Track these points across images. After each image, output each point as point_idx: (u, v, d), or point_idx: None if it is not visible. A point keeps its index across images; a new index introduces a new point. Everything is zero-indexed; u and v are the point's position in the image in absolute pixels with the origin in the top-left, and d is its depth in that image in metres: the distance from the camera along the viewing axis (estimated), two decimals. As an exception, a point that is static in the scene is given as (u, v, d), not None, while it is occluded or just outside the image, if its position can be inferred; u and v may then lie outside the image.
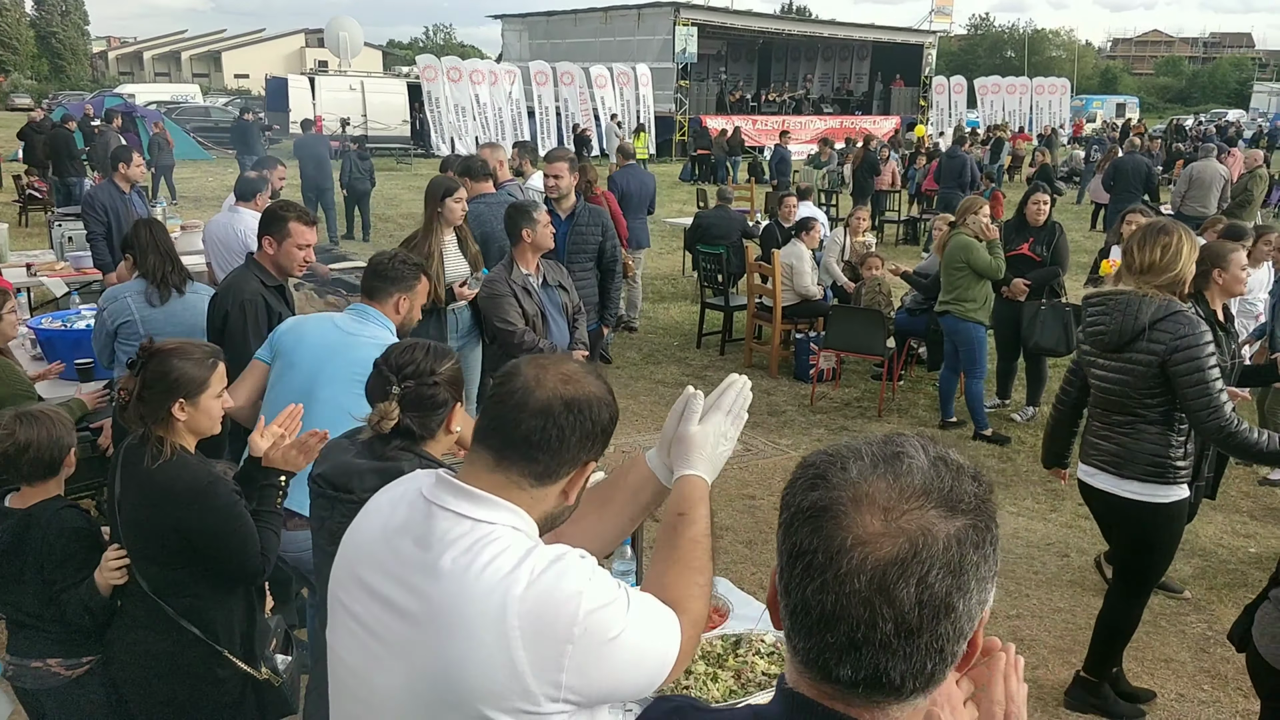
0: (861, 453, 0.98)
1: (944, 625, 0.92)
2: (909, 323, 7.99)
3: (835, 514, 0.94)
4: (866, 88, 41.01)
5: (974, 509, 0.96)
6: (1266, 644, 2.76)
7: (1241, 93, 65.32)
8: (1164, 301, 3.36)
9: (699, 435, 1.66)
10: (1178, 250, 3.37)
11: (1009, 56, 74.87)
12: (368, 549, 1.52)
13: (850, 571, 0.91)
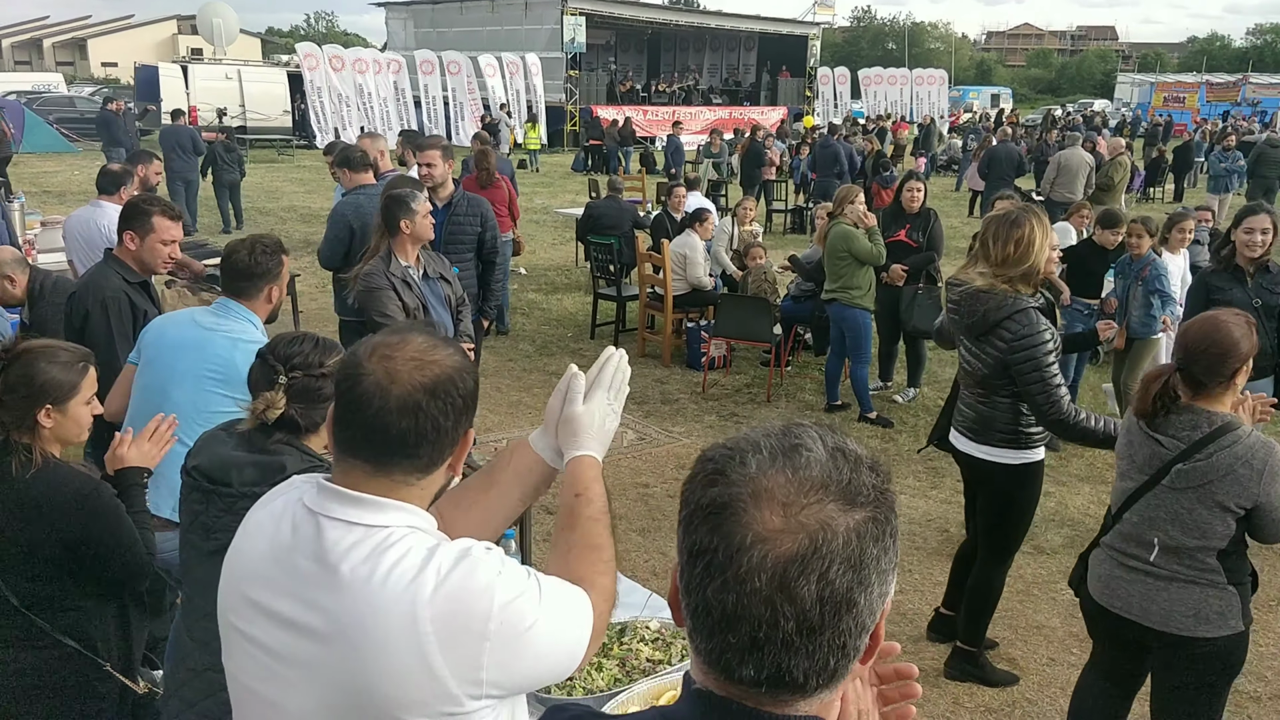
0: (760, 446, 0.96)
1: (846, 621, 0.91)
2: (795, 310, 8.16)
3: (734, 510, 0.92)
4: (754, 78, 41.60)
5: (873, 500, 0.94)
6: (1098, 588, 2.96)
7: (1107, 83, 68.60)
8: (1010, 299, 3.53)
9: (585, 415, 1.65)
10: (1030, 242, 3.53)
11: (890, 48, 77.06)
12: (257, 569, 1.46)
13: (750, 570, 0.89)
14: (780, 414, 7.32)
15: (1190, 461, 2.69)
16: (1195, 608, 2.74)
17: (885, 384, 7.92)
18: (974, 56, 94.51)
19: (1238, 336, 2.67)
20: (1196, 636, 2.76)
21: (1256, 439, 2.66)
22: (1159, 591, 2.79)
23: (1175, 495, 2.73)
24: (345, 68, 28.31)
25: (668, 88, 38.00)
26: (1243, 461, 2.62)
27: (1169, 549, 2.77)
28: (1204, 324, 2.74)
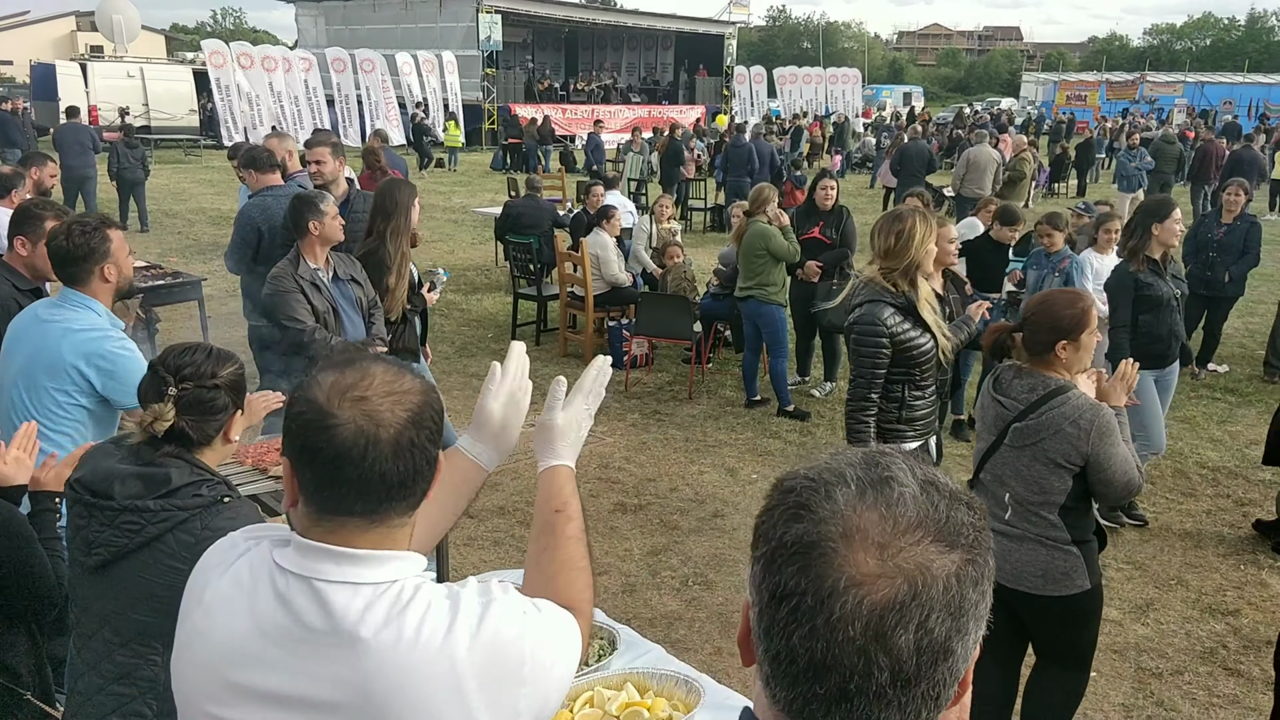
0: (846, 477, 0.88)
1: (941, 671, 0.85)
2: (714, 307, 8.22)
3: (824, 551, 0.84)
4: (672, 77, 41.84)
5: (972, 542, 0.87)
6: None
7: (1013, 82, 70.75)
8: (872, 290, 3.73)
9: (564, 423, 1.61)
10: (910, 235, 3.69)
11: (805, 47, 78.20)
12: (241, 649, 1.30)
13: (844, 617, 0.82)
14: (702, 411, 7.38)
15: (1025, 420, 2.92)
16: (1043, 568, 2.95)
17: (803, 378, 8.03)
18: (886, 56, 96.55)
19: (1063, 312, 2.94)
20: (1044, 594, 2.96)
21: (1085, 401, 2.88)
22: (1012, 551, 2.99)
23: (1015, 453, 2.96)
24: (254, 65, 27.61)
25: (586, 86, 37.96)
26: (1070, 420, 2.84)
27: (1018, 507, 2.98)
28: (1041, 298, 3.06)
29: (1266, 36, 77.28)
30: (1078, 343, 2.95)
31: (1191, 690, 3.96)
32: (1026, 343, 3.01)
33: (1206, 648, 4.27)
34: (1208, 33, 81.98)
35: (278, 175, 5.46)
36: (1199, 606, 4.61)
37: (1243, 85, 48.82)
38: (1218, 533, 5.39)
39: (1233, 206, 7.81)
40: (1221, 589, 4.78)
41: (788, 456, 6.49)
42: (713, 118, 34.38)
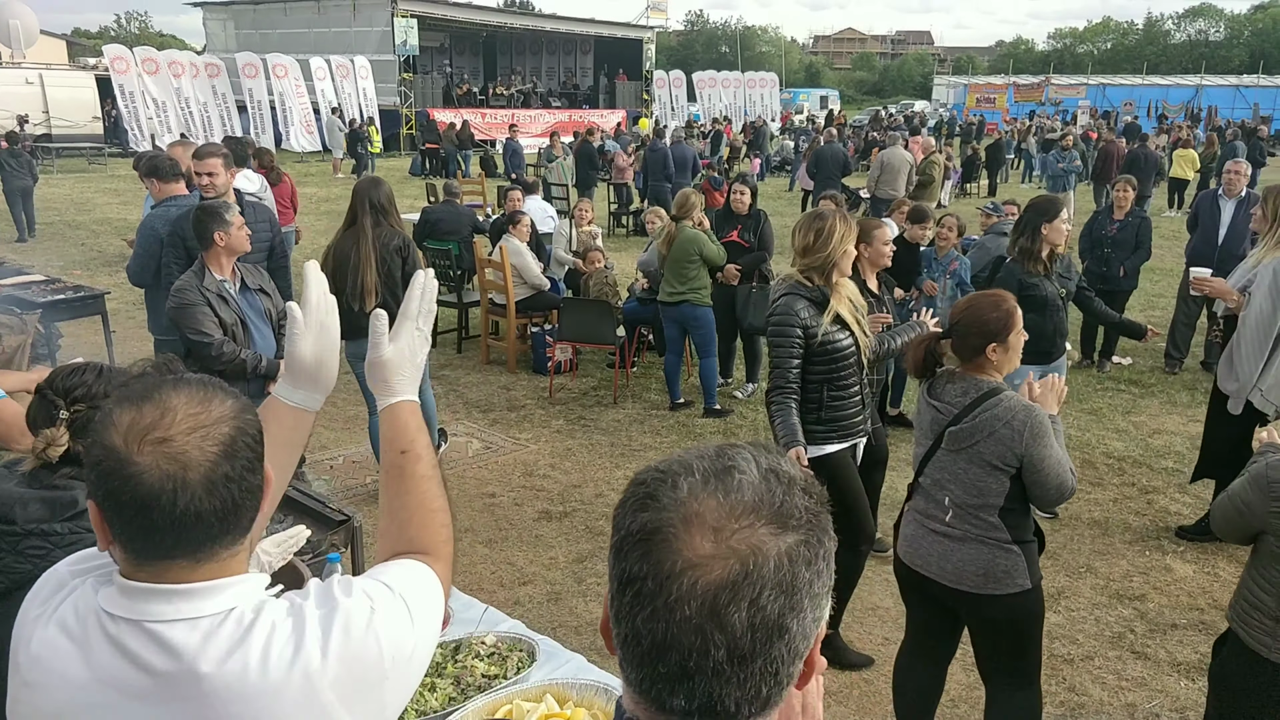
0: (693, 468, 0.92)
1: (778, 648, 0.88)
2: (638, 311, 8.23)
3: (665, 536, 0.88)
4: (592, 81, 41.88)
5: (806, 524, 0.91)
6: (905, 548, 3.18)
7: (925, 85, 72.43)
8: (789, 285, 3.82)
9: (394, 356, 1.51)
10: (829, 234, 3.79)
11: (723, 51, 78.96)
12: (77, 700, 1.23)
13: (680, 598, 0.86)
14: (627, 415, 7.38)
15: (960, 424, 2.95)
16: (984, 567, 2.96)
17: (726, 380, 8.09)
18: (803, 60, 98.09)
19: (989, 315, 2.98)
20: (985, 594, 2.97)
21: (1017, 402, 2.92)
22: (953, 551, 3.01)
23: (952, 456, 2.98)
24: (160, 71, 26.82)
25: (506, 90, 37.75)
26: (1003, 422, 2.87)
27: (958, 509, 3.00)
28: (967, 303, 3.08)
29: (1163, 40, 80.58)
30: (1006, 344, 3.00)
31: (1101, 674, 4.09)
32: (956, 348, 3.05)
33: (1115, 632, 4.41)
34: (1108, 36, 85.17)
35: (182, 184, 5.31)
36: (1107, 593, 4.76)
37: (1142, 87, 50.79)
38: (1124, 520, 5.58)
39: (1122, 203, 8.11)
40: (1129, 575, 4.95)
41: (712, 458, 6.52)
42: (634, 122, 34.51)
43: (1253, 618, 2.66)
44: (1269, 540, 2.63)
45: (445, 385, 8.06)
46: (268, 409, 1.55)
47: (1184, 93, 48.80)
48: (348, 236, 5.36)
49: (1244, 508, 2.67)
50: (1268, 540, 2.64)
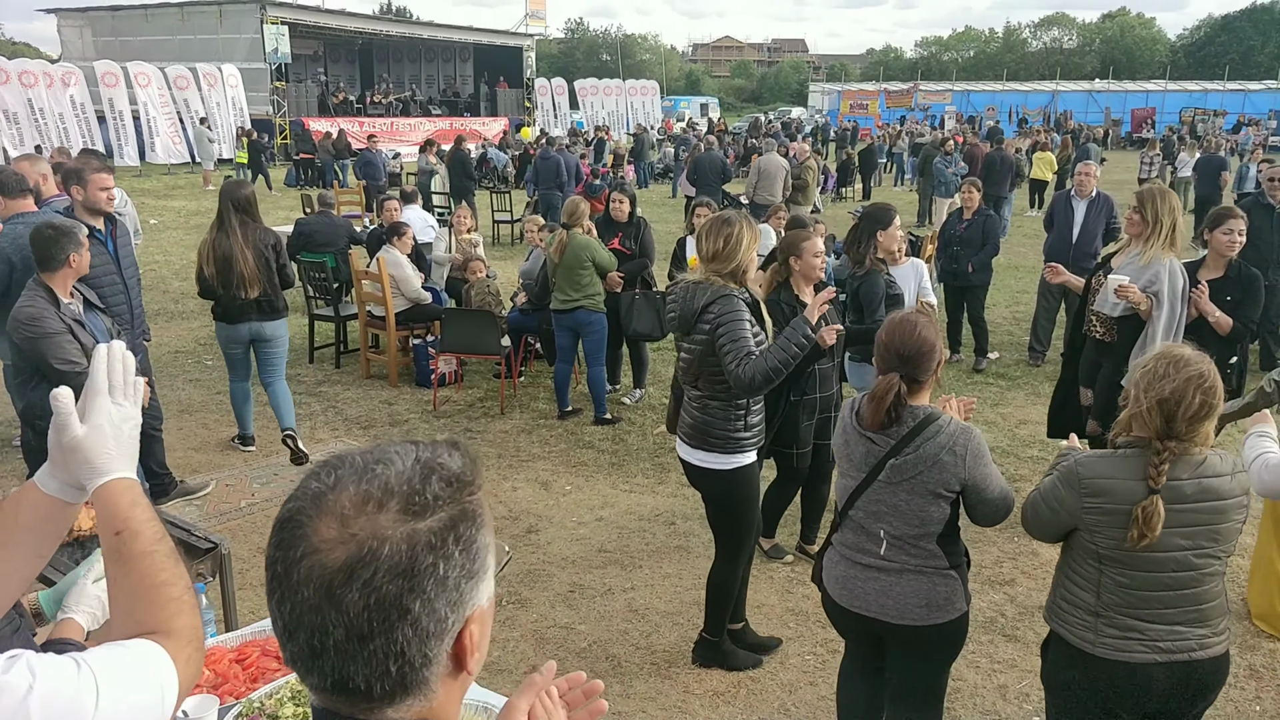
0: (349, 462, 0.98)
1: (401, 629, 0.93)
2: (523, 321, 8.18)
3: (298, 523, 0.94)
4: (473, 89, 41.46)
5: (437, 510, 0.96)
6: (836, 589, 3.09)
7: (802, 92, 74.28)
8: (718, 287, 3.76)
9: (91, 436, 1.37)
10: (738, 240, 3.76)
11: (605, 59, 79.25)
12: None
13: (301, 580, 0.92)
14: (515, 426, 7.33)
15: (901, 456, 2.83)
16: (926, 597, 2.89)
17: (614, 387, 8.12)
18: (683, 68, 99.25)
19: (933, 335, 2.90)
20: (928, 624, 2.90)
21: (956, 426, 2.86)
22: (892, 586, 2.91)
23: (892, 489, 2.86)
24: (11, 80, 25.35)
25: (384, 99, 37.02)
26: (947, 449, 2.80)
27: (894, 541, 2.90)
28: (905, 328, 2.87)
29: (1021, 48, 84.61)
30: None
31: (976, 659, 4.25)
32: (908, 379, 2.87)
33: (988, 617, 4.60)
34: (970, 44, 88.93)
35: (30, 200, 5.03)
36: (980, 579, 4.96)
37: (1003, 93, 53.28)
38: (994, 508, 5.82)
39: (969, 203, 8.51)
40: (999, 561, 5.17)
41: (601, 465, 6.54)
42: (517, 129, 34.31)
43: (1072, 615, 2.68)
44: (1081, 537, 2.64)
45: (323, 402, 7.85)
46: (23, 490, 1.43)
47: (1041, 98, 51.43)
48: (221, 234, 5.94)
49: (1057, 505, 2.66)
50: (1080, 537, 2.64)
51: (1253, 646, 4.37)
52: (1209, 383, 2.49)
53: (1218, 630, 2.63)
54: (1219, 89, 49.59)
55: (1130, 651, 2.59)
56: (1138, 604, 2.58)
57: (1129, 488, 2.52)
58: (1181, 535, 2.53)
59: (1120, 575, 2.58)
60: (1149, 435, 2.53)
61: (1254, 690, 4.05)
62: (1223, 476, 2.55)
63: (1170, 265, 4.89)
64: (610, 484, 6.24)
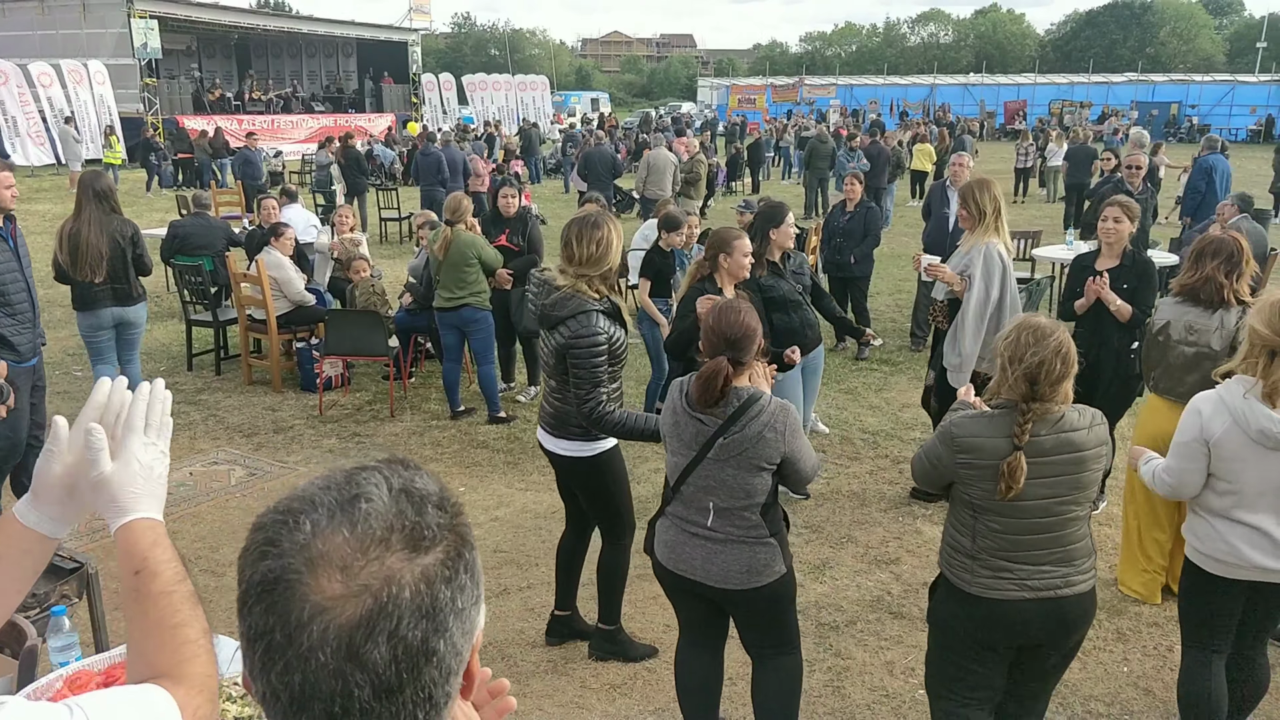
0: (317, 503, 0.88)
1: (428, 673, 0.86)
2: (411, 320, 8.03)
3: (289, 584, 0.84)
4: (357, 85, 40.50)
5: (442, 540, 0.89)
6: (665, 553, 3.26)
7: (691, 87, 74.91)
8: (576, 300, 3.76)
9: (121, 475, 1.35)
10: (609, 243, 3.81)
11: (494, 54, 78.48)
12: None
13: (313, 646, 0.82)
14: (406, 428, 7.20)
15: (729, 435, 3.03)
16: (747, 564, 3.11)
17: (509, 385, 8.05)
18: (573, 63, 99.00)
19: (755, 321, 3.11)
20: (749, 588, 3.13)
21: (776, 404, 3.07)
22: (716, 554, 3.12)
23: (720, 465, 3.05)
24: None
25: (264, 95, 35.85)
26: (769, 426, 3.02)
27: (721, 513, 3.11)
28: (731, 315, 3.08)
29: (900, 43, 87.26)
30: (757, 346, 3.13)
31: (863, 637, 4.38)
32: (734, 361, 3.04)
33: (874, 596, 4.74)
34: (853, 39, 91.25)
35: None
36: (867, 559, 5.11)
37: (884, 87, 54.80)
38: (879, 490, 6.00)
39: (851, 195, 8.74)
40: (885, 541, 5.33)
41: (496, 465, 6.48)
42: (403, 125, 33.68)
43: (954, 559, 2.94)
44: (958, 489, 2.89)
45: (204, 410, 7.57)
46: (2, 520, 1.38)
47: (921, 91, 53.10)
48: (78, 220, 6.08)
49: (936, 460, 2.92)
50: (957, 489, 2.90)
51: (1120, 610, 4.60)
52: (1066, 349, 2.76)
53: (1082, 570, 2.88)
54: (1085, 81, 52.04)
55: (1003, 590, 2.84)
56: (1008, 547, 2.83)
57: (995, 444, 2.78)
58: (1044, 485, 2.79)
59: (992, 522, 2.84)
60: (1016, 398, 2.78)
61: (1121, 653, 4.27)
62: (1080, 430, 2.81)
63: (987, 249, 5.15)
64: (505, 483, 6.19)
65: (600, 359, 3.69)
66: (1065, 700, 3.89)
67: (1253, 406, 3.02)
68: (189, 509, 5.76)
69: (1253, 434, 3.03)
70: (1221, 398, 3.09)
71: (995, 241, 5.22)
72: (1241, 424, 3.03)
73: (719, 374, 3.01)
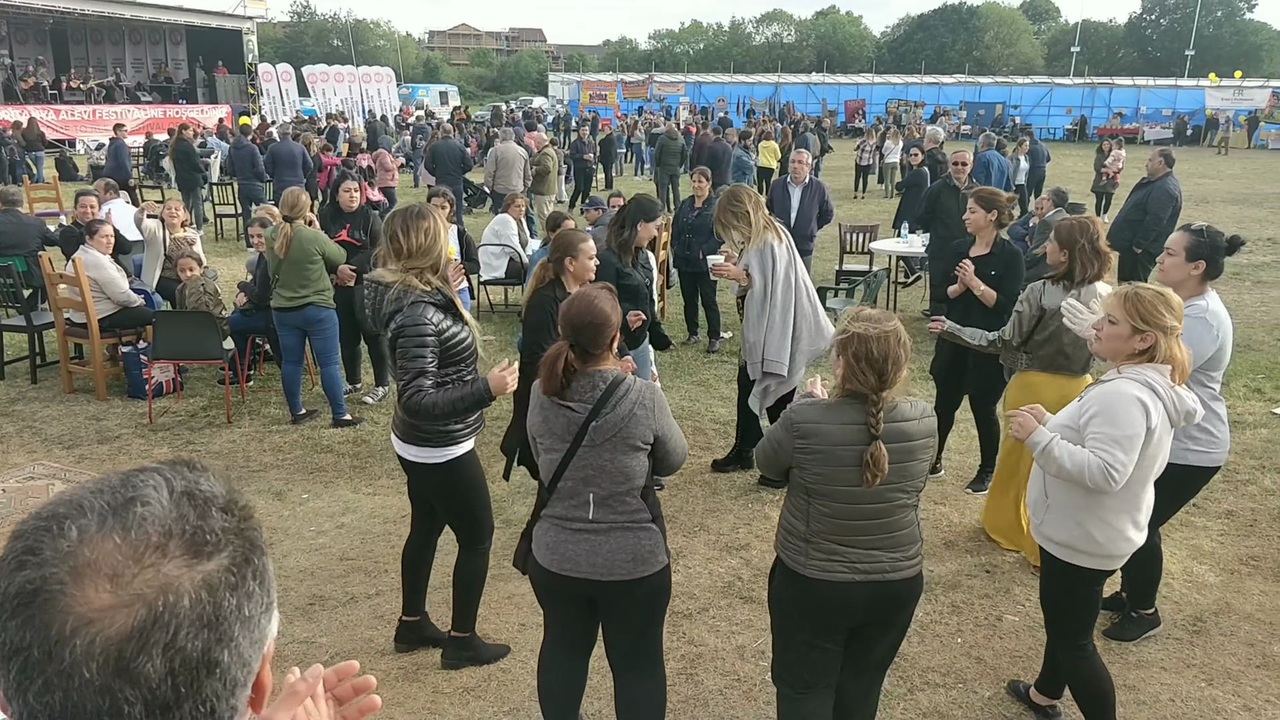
0: (86, 507, 0.81)
1: (210, 685, 0.81)
2: (247, 321, 7.67)
3: (50, 595, 0.77)
4: (188, 75, 38.40)
5: (228, 545, 0.84)
6: (547, 556, 3.17)
7: (542, 82, 74.49)
8: (405, 292, 3.65)
9: None
10: (435, 233, 3.73)
11: (336, 45, 75.92)
12: None
13: (76, 662, 0.76)
14: (244, 434, 6.87)
15: (601, 417, 3.01)
16: (632, 552, 3.06)
17: (355, 386, 7.80)
18: (420, 55, 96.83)
19: (609, 309, 3.09)
20: (635, 578, 3.08)
21: (641, 383, 3.09)
22: (601, 545, 3.06)
23: (596, 450, 3.02)
24: None
25: (84, 85, 33.53)
26: (638, 404, 3.02)
27: (602, 502, 3.07)
28: (584, 302, 3.08)
29: (746, 42, 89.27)
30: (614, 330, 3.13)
31: (715, 623, 4.45)
32: (582, 349, 3.05)
33: (726, 582, 4.82)
34: (700, 38, 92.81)
35: None
36: (718, 547, 5.20)
37: (731, 85, 56.02)
38: (730, 479, 6.11)
39: (699, 191, 8.89)
40: (735, 528, 5.43)
41: (342, 470, 6.27)
42: (239, 118, 32.15)
43: (790, 542, 3.00)
44: (795, 473, 2.95)
45: (18, 422, 7.02)
46: None
47: (766, 90, 54.54)
48: None
49: (777, 445, 2.98)
50: (795, 474, 2.96)
51: (955, 584, 4.84)
52: (903, 336, 2.86)
53: (909, 555, 2.97)
54: (918, 82, 54.62)
55: (834, 572, 2.91)
56: (839, 531, 2.91)
57: (829, 430, 2.86)
58: None
59: (824, 506, 2.91)
60: (865, 390, 2.84)
61: (955, 625, 4.49)
62: (911, 421, 2.90)
63: (761, 248, 5.60)
64: (352, 488, 5.99)
65: (424, 349, 3.58)
66: (905, 673, 4.06)
67: (1179, 390, 3.13)
68: (1, 528, 5.32)
69: (1181, 418, 3.15)
70: (1153, 386, 3.10)
71: (771, 238, 5.65)
72: (1171, 411, 3.12)
73: (559, 357, 3.01)
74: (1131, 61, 69.50)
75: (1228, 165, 32.13)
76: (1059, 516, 3.30)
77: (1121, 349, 3.18)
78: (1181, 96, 47.47)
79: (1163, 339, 3.10)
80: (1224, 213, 19.07)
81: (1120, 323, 3.15)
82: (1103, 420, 3.11)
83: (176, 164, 15.23)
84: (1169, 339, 3.11)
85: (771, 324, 5.63)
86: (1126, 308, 3.13)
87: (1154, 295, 3.13)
